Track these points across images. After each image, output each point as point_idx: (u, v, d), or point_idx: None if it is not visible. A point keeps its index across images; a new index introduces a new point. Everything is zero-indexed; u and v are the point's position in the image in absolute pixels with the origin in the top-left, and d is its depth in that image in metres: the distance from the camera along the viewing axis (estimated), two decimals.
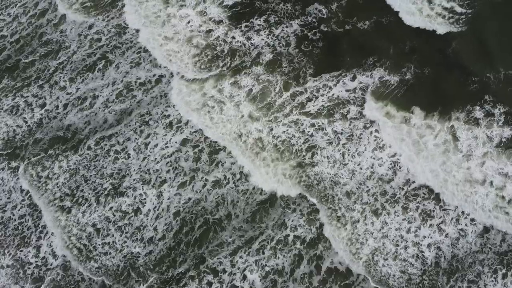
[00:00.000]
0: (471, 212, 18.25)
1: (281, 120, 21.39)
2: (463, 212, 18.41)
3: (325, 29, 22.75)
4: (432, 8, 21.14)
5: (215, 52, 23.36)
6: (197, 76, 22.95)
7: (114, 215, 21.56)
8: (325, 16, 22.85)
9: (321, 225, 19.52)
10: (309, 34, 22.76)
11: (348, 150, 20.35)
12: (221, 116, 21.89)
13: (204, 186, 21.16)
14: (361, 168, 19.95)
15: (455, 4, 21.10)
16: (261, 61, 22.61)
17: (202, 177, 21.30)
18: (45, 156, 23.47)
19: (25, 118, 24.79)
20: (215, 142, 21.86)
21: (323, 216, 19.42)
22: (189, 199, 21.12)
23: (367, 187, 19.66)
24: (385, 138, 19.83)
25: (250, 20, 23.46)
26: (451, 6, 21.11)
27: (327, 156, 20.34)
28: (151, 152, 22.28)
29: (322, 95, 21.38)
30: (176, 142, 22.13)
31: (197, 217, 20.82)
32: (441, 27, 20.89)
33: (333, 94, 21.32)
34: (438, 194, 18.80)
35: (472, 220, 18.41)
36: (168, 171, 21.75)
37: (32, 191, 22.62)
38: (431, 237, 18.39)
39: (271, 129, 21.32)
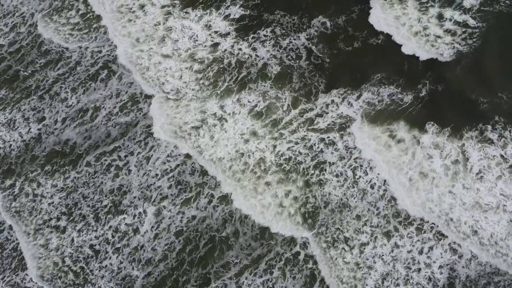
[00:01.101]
0: (481, 238, 17.47)
1: (286, 137, 20.62)
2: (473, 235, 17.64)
3: (332, 44, 21.89)
4: (442, 24, 20.33)
5: (221, 66, 22.54)
6: (197, 94, 22.15)
7: (113, 236, 20.84)
8: (329, 31, 21.94)
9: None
10: (315, 47, 21.89)
11: (361, 166, 19.56)
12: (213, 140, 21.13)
13: (210, 202, 20.39)
14: (372, 187, 19.18)
15: (468, 17, 20.19)
16: (269, 74, 21.78)
17: (208, 193, 20.59)
18: (41, 173, 22.78)
19: (21, 132, 24.26)
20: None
21: (317, 248, 18.69)
22: (193, 217, 20.42)
23: (378, 208, 18.91)
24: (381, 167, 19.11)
25: (257, 32, 22.70)
26: (464, 20, 20.20)
27: (337, 174, 19.59)
28: (152, 167, 21.59)
29: (331, 111, 20.61)
30: (180, 155, 21.41)
31: (202, 235, 20.09)
32: (447, 51, 19.88)
33: (341, 111, 20.48)
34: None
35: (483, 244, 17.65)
36: (170, 187, 21.07)
37: (13, 224, 22.13)
38: (442, 258, 17.67)
39: (275, 147, 20.49)
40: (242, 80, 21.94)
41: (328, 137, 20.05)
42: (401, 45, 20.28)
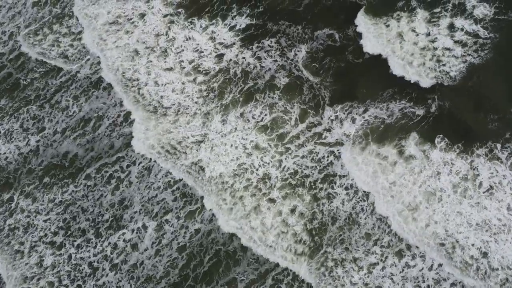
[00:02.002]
0: (490, 260, 16.86)
1: (293, 151, 19.98)
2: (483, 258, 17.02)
3: (341, 56, 21.14)
4: (452, 35, 19.67)
5: (226, 77, 21.93)
6: (200, 108, 21.45)
7: (112, 252, 20.30)
8: (338, 44, 21.27)
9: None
10: (322, 59, 21.22)
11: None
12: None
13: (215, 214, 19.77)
14: None
15: (479, 28, 19.55)
16: (277, 84, 21.10)
17: None
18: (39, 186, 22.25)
19: (19, 145, 23.73)
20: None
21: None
22: (198, 231, 19.86)
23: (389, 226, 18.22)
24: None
25: (262, 41, 22.08)
26: (474, 31, 19.57)
27: (347, 187, 18.97)
28: (155, 178, 21.06)
29: (338, 126, 19.95)
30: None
31: (207, 249, 19.52)
32: (456, 66, 19.00)
33: (347, 127, 19.86)
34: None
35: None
36: (175, 199, 20.52)
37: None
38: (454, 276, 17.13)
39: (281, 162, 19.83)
40: (249, 91, 21.31)
41: (338, 150, 19.42)
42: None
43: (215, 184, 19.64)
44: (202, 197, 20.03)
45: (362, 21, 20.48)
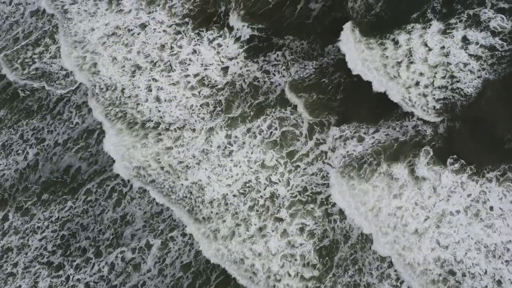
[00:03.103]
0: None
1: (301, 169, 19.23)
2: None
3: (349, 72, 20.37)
4: (466, 48, 18.91)
5: (233, 92, 21.21)
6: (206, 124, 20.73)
7: (110, 272, 19.60)
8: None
9: None
10: (331, 76, 20.40)
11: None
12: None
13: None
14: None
15: (497, 40, 18.73)
16: (283, 100, 20.39)
17: None
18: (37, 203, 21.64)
19: (16, 159, 23.07)
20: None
21: None
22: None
23: None
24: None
25: (267, 54, 21.30)
26: (491, 44, 18.81)
27: None
28: None
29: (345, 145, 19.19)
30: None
31: (214, 267, 18.83)
32: (468, 83, 17.91)
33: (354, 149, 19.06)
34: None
35: None
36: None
37: None
38: None
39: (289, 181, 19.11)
40: (259, 105, 20.56)
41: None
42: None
43: (217, 207, 18.95)
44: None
45: (348, 40, 19.45)
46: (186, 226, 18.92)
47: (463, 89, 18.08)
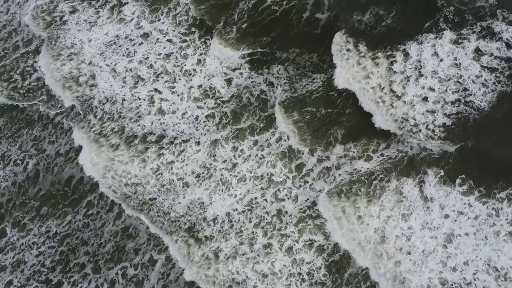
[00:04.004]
0: None
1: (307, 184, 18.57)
2: None
3: None
4: (479, 59, 18.23)
5: (239, 104, 20.58)
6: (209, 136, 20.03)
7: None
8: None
9: None
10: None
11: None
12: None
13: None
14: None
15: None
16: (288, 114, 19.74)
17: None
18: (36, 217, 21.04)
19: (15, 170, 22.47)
20: None
21: None
22: None
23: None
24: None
25: (271, 67, 20.56)
26: (507, 56, 18.09)
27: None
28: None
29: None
30: None
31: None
32: (481, 97, 17.31)
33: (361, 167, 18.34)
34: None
35: None
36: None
37: None
38: None
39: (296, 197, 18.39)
40: (269, 118, 19.88)
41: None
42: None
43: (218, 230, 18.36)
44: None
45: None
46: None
47: (475, 103, 17.55)
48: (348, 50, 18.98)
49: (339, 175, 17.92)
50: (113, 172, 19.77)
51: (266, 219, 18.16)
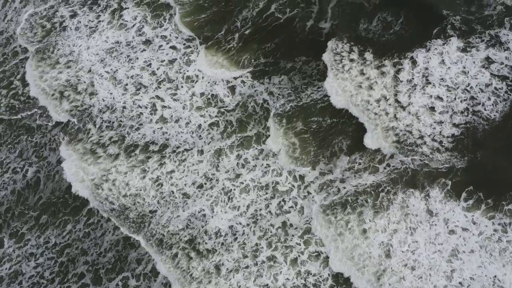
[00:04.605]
0: None
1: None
2: None
3: None
4: (489, 68, 17.97)
5: (245, 113, 20.09)
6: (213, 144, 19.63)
7: None
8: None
9: None
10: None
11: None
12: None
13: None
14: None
15: None
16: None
17: None
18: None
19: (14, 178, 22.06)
20: None
21: None
22: None
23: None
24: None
25: (272, 77, 20.02)
26: None
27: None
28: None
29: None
30: None
31: None
32: (491, 107, 16.90)
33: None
34: None
35: None
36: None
37: None
38: None
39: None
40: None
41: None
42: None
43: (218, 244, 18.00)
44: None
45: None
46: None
47: (484, 113, 17.20)
48: (351, 60, 18.62)
49: (344, 188, 17.61)
50: (110, 183, 19.39)
51: (271, 231, 17.86)
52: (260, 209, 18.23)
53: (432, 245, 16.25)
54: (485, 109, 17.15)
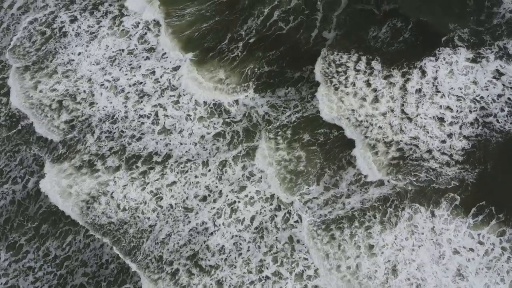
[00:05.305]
0: None
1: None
2: None
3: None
4: (499, 78, 17.22)
5: (250, 123, 19.55)
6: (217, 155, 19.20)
7: None
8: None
9: None
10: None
11: None
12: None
13: None
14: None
15: None
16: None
17: None
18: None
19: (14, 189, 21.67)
20: None
21: None
22: None
23: None
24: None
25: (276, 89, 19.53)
26: None
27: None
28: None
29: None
30: None
31: None
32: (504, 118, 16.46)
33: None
34: None
35: None
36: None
37: None
38: None
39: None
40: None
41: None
42: None
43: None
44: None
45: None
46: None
47: (496, 125, 16.75)
48: (357, 70, 18.18)
49: (349, 203, 17.19)
50: (109, 196, 18.98)
51: (277, 247, 17.47)
52: (266, 221, 17.87)
53: (436, 264, 15.93)
54: (497, 121, 16.75)
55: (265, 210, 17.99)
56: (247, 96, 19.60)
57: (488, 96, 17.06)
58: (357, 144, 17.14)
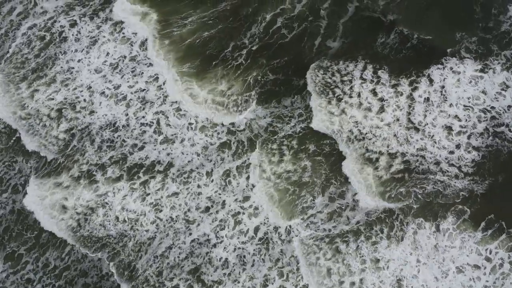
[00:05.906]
0: None
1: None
2: None
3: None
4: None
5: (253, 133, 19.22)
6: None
7: None
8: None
9: None
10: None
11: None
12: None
13: None
14: None
15: None
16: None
17: None
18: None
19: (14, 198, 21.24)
20: None
21: None
22: None
23: None
24: None
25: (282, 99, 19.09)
26: None
27: None
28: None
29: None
30: None
31: None
32: None
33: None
34: None
35: None
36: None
37: None
38: None
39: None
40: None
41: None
42: None
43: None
44: None
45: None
46: None
47: (508, 135, 16.40)
48: (363, 79, 17.81)
49: (353, 217, 16.82)
50: (107, 208, 18.57)
51: (283, 261, 17.09)
52: (271, 232, 17.49)
53: (440, 282, 15.64)
54: (510, 130, 16.41)
55: (269, 221, 17.59)
56: (248, 113, 19.23)
57: (499, 106, 16.73)
58: (349, 160, 16.86)
